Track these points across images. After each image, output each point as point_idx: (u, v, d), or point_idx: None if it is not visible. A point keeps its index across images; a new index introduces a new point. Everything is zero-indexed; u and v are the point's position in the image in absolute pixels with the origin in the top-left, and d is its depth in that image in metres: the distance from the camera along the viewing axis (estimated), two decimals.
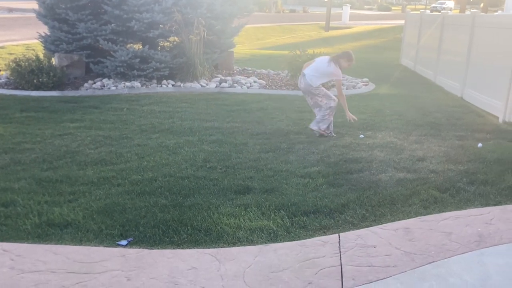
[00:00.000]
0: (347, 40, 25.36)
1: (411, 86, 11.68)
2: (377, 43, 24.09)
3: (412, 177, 4.94)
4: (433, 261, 3.27)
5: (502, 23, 8.52)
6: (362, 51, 20.96)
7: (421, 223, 3.85)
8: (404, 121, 7.72)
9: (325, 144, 6.14)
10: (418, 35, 14.21)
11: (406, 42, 16.39)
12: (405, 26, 16.78)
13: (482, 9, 30.64)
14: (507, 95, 7.84)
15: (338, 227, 3.85)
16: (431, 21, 13.05)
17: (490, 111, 8.58)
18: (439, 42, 12.02)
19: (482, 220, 3.90)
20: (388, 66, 15.82)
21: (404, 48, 16.65)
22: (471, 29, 9.72)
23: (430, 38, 12.95)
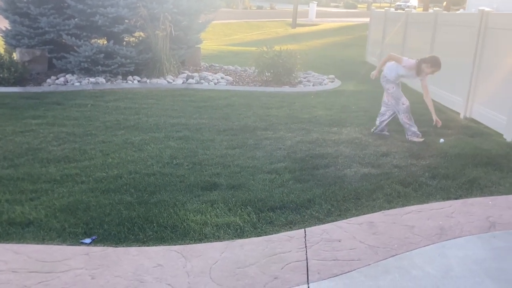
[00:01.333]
0: (314, 37, 25.56)
1: (376, 83, 11.76)
2: (343, 40, 24.37)
3: (377, 172, 5.03)
4: (396, 254, 3.34)
5: (462, 21, 8.75)
6: (328, 48, 21.21)
7: (384, 217, 3.93)
8: (369, 117, 7.84)
9: (292, 140, 6.18)
10: (383, 32, 14.44)
11: (371, 40, 16.63)
12: (370, 24, 17.03)
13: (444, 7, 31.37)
14: (467, 92, 8.07)
15: (304, 222, 3.89)
16: (395, 19, 13.28)
17: (451, 107, 8.81)
18: (403, 40, 12.25)
19: (444, 213, 4.01)
20: (353, 63, 16.03)
21: (369, 45, 16.89)
22: (434, 27, 9.96)
23: (394, 36, 13.18)
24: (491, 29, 7.47)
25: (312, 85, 10.96)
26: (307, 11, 39.38)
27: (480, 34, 7.69)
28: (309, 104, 8.77)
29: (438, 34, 9.84)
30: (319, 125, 7.12)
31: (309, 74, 12.36)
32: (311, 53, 17.70)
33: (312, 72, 12.61)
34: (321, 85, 11.04)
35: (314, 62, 15.02)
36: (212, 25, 12.68)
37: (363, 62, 16.44)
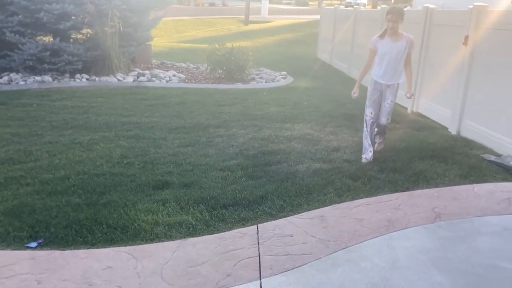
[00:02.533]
0: (266, 34, 25.67)
1: (327, 79, 12.08)
2: (295, 37, 24.61)
3: (328, 167, 5.11)
4: (346, 246, 3.41)
5: (408, 18, 8.99)
6: (281, 45, 21.36)
7: (335, 211, 4.00)
8: (321, 113, 7.96)
9: (245, 137, 6.19)
10: (333, 29, 14.69)
11: (322, 37, 16.89)
12: (320, 21, 17.28)
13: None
14: (414, 87, 8.31)
15: (257, 218, 3.90)
16: (344, 16, 13.53)
17: (399, 102, 9.03)
18: (352, 37, 12.50)
19: (391, 205, 4.12)
20: (305, 59, 16.23)
21: (320, 42, 17.15)
22: (381, 24, 10.19)
23: (344, 33, 13.43)
24: (436, 25, 7.73)
25: (265, 82, 11.00)
26: (259, 8, 39.48)
27: (426, 30, 7.95)
28: (262, 100, 8.81)
29: None
30: (272, 121, 7.16)
31: (261, 71, 12.41)
32: (263, 50, 17.79)
33: (264, 69, 12.67)
34: (274, 81, 11.11)
35: (266, 59, 15.11)
36: (163, 22, 12.54)
37: (314, 59, 16.67)
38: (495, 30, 6.04)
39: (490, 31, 6.15)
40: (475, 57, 6.44)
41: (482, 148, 5.98)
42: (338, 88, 10.67)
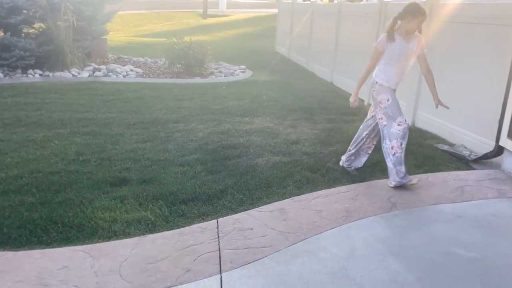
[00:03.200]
0: (225, 28, 25.57)
1: (286, 73, 12.15)
2: (254, 31, 24.62)
3: (287, 160, 5.15)
4: (305, 238, 3.45)
5: (364, 11, 9.16)
6: (240, 39, 21.31)
7: (294, 203, 4.03)
8: (280, 106, 8.00)
9: (204, 132, 6.16)
10: (291, 23, 14.78)
11: (280, 30, 16.96)
12: (278, 15, 17.34)
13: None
14: (370, 80, 8.46)
15: (217, 212, 3.89)
16: (302, 10, 13.63)
17: None
18: (310, 30, 12.61)
19: (349, 196, 4.19)
20: (264, 53, 16.27)
21: (278, 36, 17.21)
22: (338, 18, 10.34)
23: (302, 26, 13.53)
24: (390, 18, 7.86)
25: (224, 76, 10.97)
26: (217, 2, 39.25)
27: (381, 23, 8.10)
28: (221, 95, 8.78)
29: (342, 24, 10.23)
30: (231, 115, 7.15)
31: (220, 65, 12.36)
32: (222, 44, 17.73)
33: (223, 63, 12.63)
34: (233, 75, 11.09)
35: (225, 53, 15.06)
36: (120, 16, 12.32)
37: (273, 53, 16.74)
38: (448, 22, 6.22)
39: (443, 23, 6.33)
40: (428, 50, 6.60)
41: (436, 138, 6.16)
42: (297, 82, 10.75)
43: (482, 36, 5.52)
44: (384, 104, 4.45)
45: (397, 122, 4.39)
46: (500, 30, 5.14)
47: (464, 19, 5.88)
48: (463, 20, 5.89)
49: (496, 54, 5.20)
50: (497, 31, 5.20)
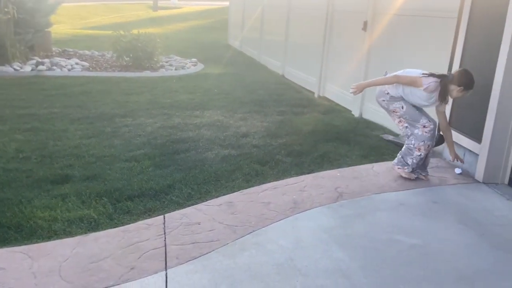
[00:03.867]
0: (177, 21, 25.21)
1: (238, 66, 12.11)
2: (206, 23, 24.40)
3: (236, 153, 5.13)
4: (253, 230, 3.44)
5: (313, 5, 9.23)
6: (192, 31, 21.07)
7: (243, 196, 4.02)
8: (231, 99, 7.97)
9: (153, 126, 6.05)
10: (243, 16, 14.73)
11: (232, 23, 16.88)
12: (230, 7, 17.25)
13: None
14: (320, 72, 8.57)
15: (164, 208, 3.82)
16: (253, 3, 13.60)
17: (307, 87, 9.31)
18: (261, 23, 12.61)
19: (297, 187, 4.22)
20: (216, 46, 16.15)
21: (231, 29, 17.14)
22: (288, 11, 10.38)
23: (253, 19, 13.52)
24: (338, 11, 7.99)
25: (175, 69, 10.82)
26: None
27: (328, 16, 8.19)
28: (171, 88, 8.65)
29: (292, 17, 10.28)
30: (181, 109, 7.06)
31: (171, 58, 12.18)
32: (173, 37, 17.48)
33: (174, 56, 12.45)
34: (184, 69, 10.96)
35: (176, 46, 14.85)
36: (65, 8, 11.94)
37: (226, 46, 16.65)
38: (389, 14, 6.35)
39: (385, 15, 6.46)
40: (373, 42, 6.74)
41: (381, 129, 6.30)
42: (249, 75, 10.74)
43: (423, 27, 5.66)
44: (399, 112, 4.36)
45: (422, 125, 4.27)
46: (439, 22, 5.28)
47: (406, 11, 6.01)
48: (406, 12, 6.02)
49: (435, 45, 5.34)
50: (437, 23, 5.34)
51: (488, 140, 4.28)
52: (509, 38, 4.02)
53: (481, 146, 4.38)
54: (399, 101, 4.32)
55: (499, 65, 4.13)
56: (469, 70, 4.13)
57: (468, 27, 4.60)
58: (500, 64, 4.13)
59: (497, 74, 4.16)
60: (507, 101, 4.16)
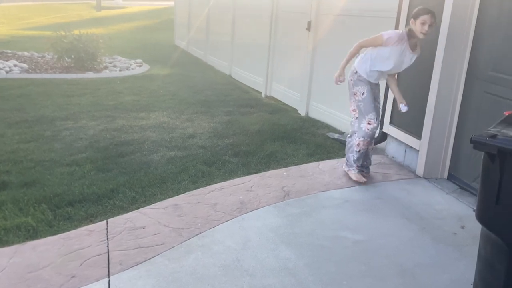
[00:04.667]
0: (122, 21, 24.65)
1: (185, 66, 11.98)
2: (152, 23, 23.99)
3: (182, 155, 5.06)
4: (199, 233, 3.40)
5: (257, 5, 9.26)
6: (137, 32, 20.67)
7: (189, 198, 3.97)
8: (177, 100, 7.87)
9: (95, 129, 5.87)
10: (189, 16, 14.59)
11: (178, 23, 16.68)
12: (175, 8, 17.04)
13: None
14: (266, 72, 8.61)
15: (107, 213, 3.71)
16: (199, 2, 13.50)
17: (254, 87, 9.32)
18: (207, 23, 12.53)
19: (244, 188, 4.21)
20: (162, 47, 15.92)
21: (177, 29, 16.93)
22: (233, 10, 10.36)
23: (199, 19, 13.41)
24: (283, 12, 8.05)
25: (119, 70, 10.57)
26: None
27: (273, 16, 8.23)
28: (115, 90, 8.45)
29: (238, 17, 10.27)
30: (126, 111, 6.90)
31: (115, 59, 11.90)
32: (118, 37, 17.08)
33: (118, 57, 12.17)
34: (129, 70, 10.73)
35: (121, 46, 14.53)
36: (3, 8, 11.43)
37: (172, 46, 16.43)
38: (332, 15, 6.46)
39: (328, 16, 6.56)
40: (317, 42, 6.84)
41: (327, 127, 6.39)
42: (196, 75, 10.65)
43: (365, 27, 5.79)
44: (358, 97, 4.24)
45: (368, 120, 4.21)
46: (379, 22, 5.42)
47: (348, 12, 6.13)
48: (348, 12, 6.14)
49: None
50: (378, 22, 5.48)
51: (427, 136, 4.43)
52: (444, 36, 4.17)
53: (421, 143, 4.53)
54: (363, 85, 4.18)
55: (436, 63, 4.28)
56: None
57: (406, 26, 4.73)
58: (437, 62, 4.28)
59: (434, 73, 4.31)
60: (444, 99, 4.32)
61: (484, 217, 1.79)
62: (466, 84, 4.21)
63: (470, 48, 4.17)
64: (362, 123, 4.25)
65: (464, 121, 4.28)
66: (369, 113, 4.20)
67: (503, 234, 1.73)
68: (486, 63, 4.00)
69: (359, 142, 4.29)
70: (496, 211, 1.73)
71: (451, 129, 4.39)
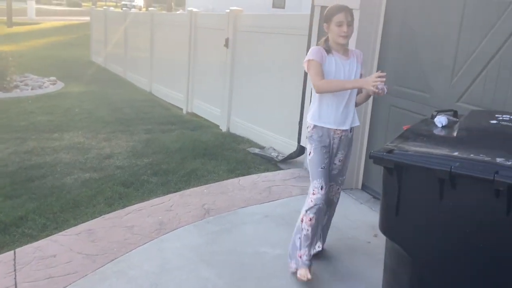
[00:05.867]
0: (34, 37, 23.51)
1: (102, 83, 11.64)
2: (67, 40, 23.10)
3: (98, 176, 4.88)
4: (115, 258, 3.27)
5: (176, 21, 9.23)
6: (51, 48, 19.80)
7: (104, 222, 3.81)
8: (94, 119, 7.61)
9: (3, 152, 5.53)
10: (105, 32, 14.23)
11: (94, 39, 16.22)
12: (91, 23, 16.58)
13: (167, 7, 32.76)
14: (187, 88, 8.56)
15: (15, 242, 3.48)
16: (116, 18, 13.22)
17: (175, 104, 9.23)
18: (125, 39, 12.28)
19: (163, 208, 4.11)
20: (78, 63, 15.38)
21: (93, 45, 16.45)
22: (151, 27, 10.24)
23: (116, 35, 13.11)
24: (201, 28, 8.05)
25: (31, 89, 10.07)
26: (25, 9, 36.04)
27: (192, 33, 8.22)
28: (26, 110, 8.02)
29: (156, 33, 10.16)
30: (38, 132, 6.56)
31: (27, 77, 11.29)
32: (30, 54, 16.30)
33: (30, 75, 11.57)
34: (41, 88, 10.25)
35: (34, 63, 13.86)
36: None
37: (89, 62, 15.92)
38: (248, 32, 6.57)
39: (245, 33, 6.66)
40: (235, 58, 6.90)
41: (248, 142, 6.44)
42: (114, 92, 10.38)
43: (280, 44, 5.93)
44: (307, 158, 3.18)
45: (312, 189, 3.07)
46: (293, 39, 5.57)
47: (264, 29, 6.25)
48: (264, 30, 6.26)
49: (292, 61, 5.62)
50: (292, 40, 5.63)
51: None
52: None
53: None
54: (311, 142, 3.11)
55: None
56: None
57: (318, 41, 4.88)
58: None
59: None
60: None
61: (386, 228, 1.86)
62: (375, 98, 4.41)
63: (377, 63, 4.38)
64: (309, 188, 3.12)
65: (374, 133, 4.47)
66: (314, 179, 3.06)
67: (404, 244, 1.81)
68: (391, 78, 4.22)
69: (302, 216, 3.10)
70: (397, 222, 1.81)
71: (363, 141, 4.58)
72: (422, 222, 1.77)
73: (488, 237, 1.65)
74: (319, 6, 4.76)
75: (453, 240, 1.71)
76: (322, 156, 3.08)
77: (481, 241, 1.66)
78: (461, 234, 1.69)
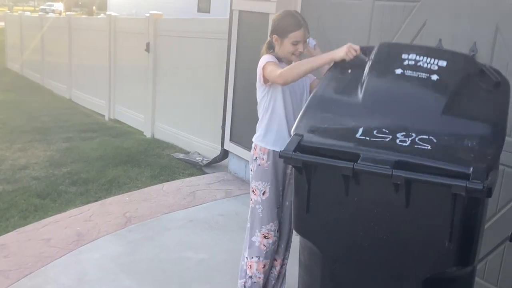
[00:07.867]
0: None
1: (19, 91, 11.07)
2: None
3: (12, 188, 4.63)
4: (30, 272, 3.12)
5: (95, 26, 8.98)
6: None
7: (18, 236, 3.62)
8: (9, 129, 7.23)
9: None
10: (21, 37, 13.53)
11: (10, 45, 15.37)
12: (6, 28, 15.70)
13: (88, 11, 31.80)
14: (108, 94, 8.33)
15: None
16: (32, 23, 12.61)
17: (97, 111, 8.95)
18: (42, 45, 11.76)
19: (82, 218, 3.97)
20: None
21: (9, 51, 15.58)
22: (69, 32, 9.88)
23: (33, 41, 12.50)
24: (121, 33, 7.87)
25: None
26: None
27: (111, 37, 8.01)
28: None
29: (75, 38, 9.81)
30: None
31: None
32: None
33: None
34: None
35: None
36: None
37: (4, 70, 15.05)
38: (169, 36, 6.52)
39: (165, 37, 6.60)
40: (157, 63, 6.81)
41: (173, 148, 6.36)
42: (31, 100, 9.91)
43: (201, 48, 5.93)
44: (257, 196, 2.66)
45: (263, 232, 2.67)
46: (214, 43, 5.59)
47: (184, 33, 6.23)
48: (184, 34, 6.23)
49: (213, 64, 5.63)
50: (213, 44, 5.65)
51: None
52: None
53: None
54: (266, 177, 2.63)
55: None
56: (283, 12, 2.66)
57: (238, 45, 4.93)
58: None
59: None
60: None
61: (299, 225, 1.91)
62: None
63: None
64: (254, 235, 2.70)
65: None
66: (268, 223, 2.66)
67: (315, 240, 1.87)
68: None
69: (251, 263, 2.71)
70: (308, 220, 1.86)
71: None
72: (330, 218, 1.84)
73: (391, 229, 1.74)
74: (237, 10, 4.81)
75: (359, 234, 1.78)
76: (277, 196, 2.67)
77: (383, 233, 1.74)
78: (366, 228, 1.77)
